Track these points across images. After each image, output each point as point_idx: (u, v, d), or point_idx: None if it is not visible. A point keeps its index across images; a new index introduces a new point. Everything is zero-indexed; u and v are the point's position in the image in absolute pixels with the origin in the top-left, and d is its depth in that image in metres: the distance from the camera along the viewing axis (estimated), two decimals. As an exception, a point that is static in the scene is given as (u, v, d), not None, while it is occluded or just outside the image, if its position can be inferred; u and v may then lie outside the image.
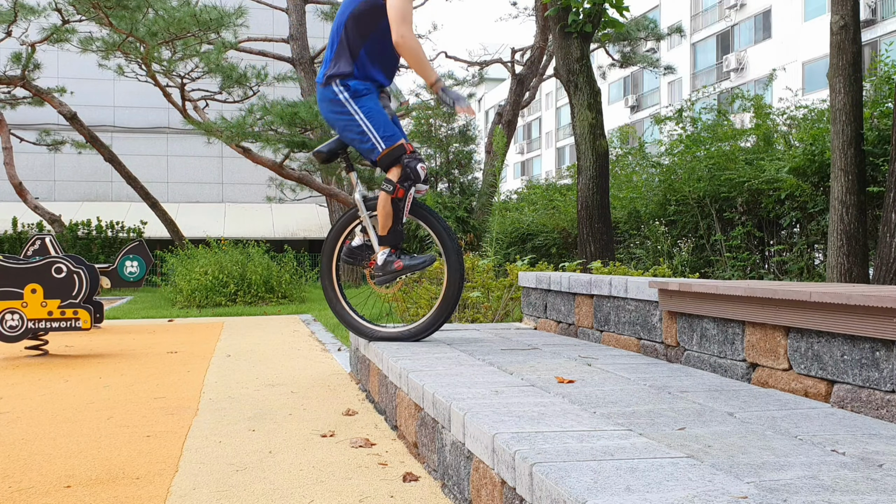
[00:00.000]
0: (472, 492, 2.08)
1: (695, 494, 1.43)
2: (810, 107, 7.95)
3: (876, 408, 2.15)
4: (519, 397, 2.42)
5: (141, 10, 13.67)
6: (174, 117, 24.40)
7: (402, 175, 3.64)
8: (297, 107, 14.23)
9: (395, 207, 3.67)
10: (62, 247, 11.23)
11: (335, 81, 3.68)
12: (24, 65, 16.62)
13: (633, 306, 3.54)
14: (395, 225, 3.71)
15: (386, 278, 3.77)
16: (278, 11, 20.19)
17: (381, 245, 3.77)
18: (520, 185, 24.33)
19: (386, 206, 3.68)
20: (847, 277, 5.44)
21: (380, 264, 3.76)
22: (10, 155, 17.93)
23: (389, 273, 3.75)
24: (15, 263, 5.37)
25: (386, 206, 3.68)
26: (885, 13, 28.36)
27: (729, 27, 36.29)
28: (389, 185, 3.64)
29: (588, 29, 7.25)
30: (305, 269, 13.94)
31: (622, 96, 44.16)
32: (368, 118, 3.63)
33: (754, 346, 2.67)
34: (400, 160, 3.64)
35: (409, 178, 3.64)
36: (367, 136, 3.63)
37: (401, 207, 3.68)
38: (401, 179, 3.64)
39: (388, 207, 3.67)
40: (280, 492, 2.34)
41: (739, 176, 6.90)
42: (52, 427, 3.24)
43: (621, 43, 19.31)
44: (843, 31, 5.55)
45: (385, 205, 3.68)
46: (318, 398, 3.86)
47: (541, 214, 11.25)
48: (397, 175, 3.64)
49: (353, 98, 3.66)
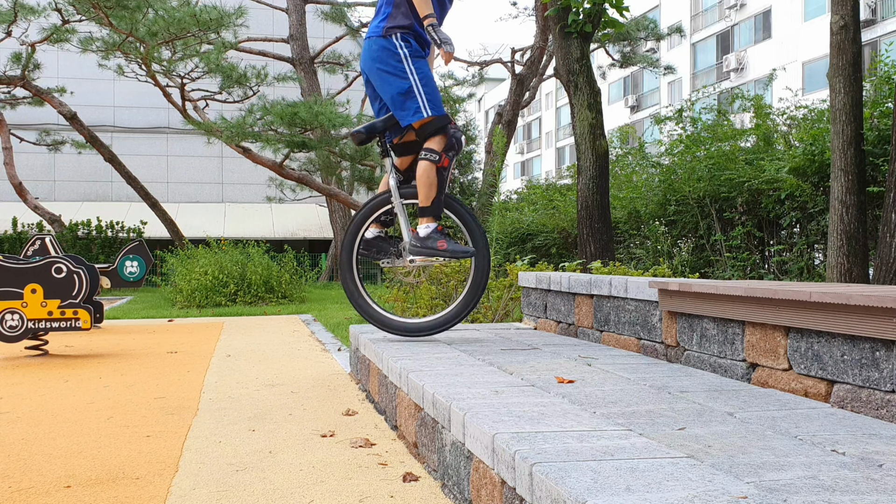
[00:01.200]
0: (472, 492, 2.08)
1: (695, 494, 1.43)
2: (810, 107, 7.95)
3: (876, 408, 2.15)
4: (519, 397, 2.42)
5: (141, 10, 13.67)
6: (174, 117, 24.40)
7: (447, 144, 3.63)
8: (297, 107, 14.23)
9: (440, 176, 3.63)
10: (62, 247, 11.23)
11: (396, 34, 3.63)
12: (24, 65, 16.62)
13: (633, 306, 3.54)
14: (439, 195, 3.64)
15: (424, 252, 3.66)
16: (278, 11, 20.20)
17: (424, 216, 3.66)
18: (520, 185, 24.35)
19: (430, 174, 3.60)
20: (847, 277, 5.44)
21: (422, 236, 3.66)
22: (10, 155, 17.94)
23: (429, 249, 3.65)
24: (15, 263, 5.37)
25: (430, 175, 3.60)
26: (885, 13, 28.36)
27: (729, 27, 36.29)
28: (434, 154, 3.60)
29: (588, 29, 7.25)
30: (305, 269, 13.93)
31: (622, 96, 44.16)
32: (422, 81, 3.61)
33: (754, 346, 2.67)
34: (445, 129, 3.63)
35: (454, 147, 3.64)
36: (413, 97, 3.59)
37: (445, 177, 3.65)
38: (445, 148, 3.62)
39: (433, 176, 3.61)
40: (280, 492, 2.34)
41: (739, 176, 6.90)
42: (52, 427, 3.24)
43: (621, 43, 19.31)
44: (843, 31, 5.55)
45: (429, 174, 3.60)
46: (318, 398, 3.86)
47: (541, 214, 11.26)
48: (440, 144, 3.62)
49: (412, 56, 3.62)
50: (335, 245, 19.97)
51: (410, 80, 3.60)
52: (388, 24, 3.65)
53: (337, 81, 23.05)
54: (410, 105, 3.60)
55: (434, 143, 3.63)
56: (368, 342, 3.90)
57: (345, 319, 8.39)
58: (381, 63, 3.63)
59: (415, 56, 3.63)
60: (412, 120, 3.61)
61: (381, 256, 3.85)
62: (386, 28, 3.65)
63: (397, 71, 3.61)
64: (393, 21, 3.65)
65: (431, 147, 3.62)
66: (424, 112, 3.59)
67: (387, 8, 3.68)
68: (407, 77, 3.60)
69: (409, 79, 3.60)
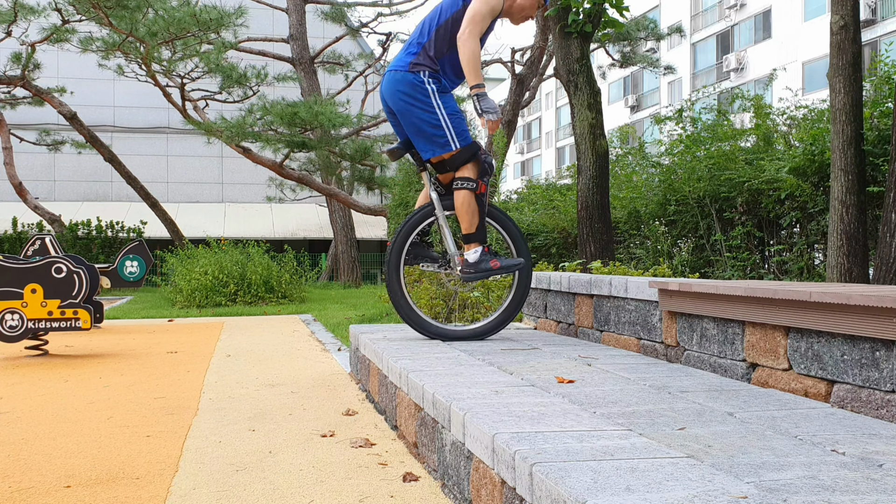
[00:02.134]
0: (472, 492, 2.08)
1: (695, 494, 1.43)
2: (810, 107, 7.94)
3: (876, 408, 2.15)
4: (519, 397, 2.41)
5: (141, 10, 13.67)
6: (174, 117, 24.40)
7: (481, 170, 3.74)
8: (297, 107, 14.23)
9: (480, 202, 3.73)
10: (62, 247, 11.23)
11: (425, 72, 3.72)
12: (24, 65, 16.62)
13: (633, 306, 3.54)
14: (481, 220, 3.76)
15: (480, 276, 3.77)
16: (278, 11, 20.19)
17: (470, 243, 3.76)
18: (520, 185, 24.35)
19: (470, 203, 3.71)
20: (847, 277, 5.44)
21: (471, 262, 3.76)
22: (10, 155, 17.94)
23: (483, 272, 3.75)
24: (15, 263, 5.37)
25: (471, 204, 3.71)
26: (885, 13, 28.36)
27: (729, 27, 36.29)
28: (470, 182, 3.70)
29: (588, 29, 7.25)
30: (305, 269, 13.93)
31: (622, 96, 44.16)
32: (450, 116, 3.71)
33: (754, 346, 2.67)
34: (477, 156, 3.73)
35: (487, 172, 3.76)
36: (442, 131, 3.69)
37: (484, 202, 3.76)
38: (479, 174, 3.73)
39: (473, 204, 3.71)
40: (280, 492, 2.34)
41: (739, 176, 6.90)
42: (52, 427, 3.24)
43: (621, 43, 19.30)
44: (843, 31, 5.55)
45: (470, 202, 3.70)
46: (318, 398, 3.86)
47: (541, 214, 11.25)
48: (474, 171, 3.72)
49: (439, 93, 3.73)
50: (335, 245, 19.96)
51: (439, 116, 3.70)
52: (415, 61, 3.75)
53: (337, 81, 23.05)
54: (440, 139, 3.70)
55: (467, 170, 3.73)
56: (368, 342, 3.90)
57: (345, 319, 8.39)
58: (409, 97, 3.72)
59: (442, 92, 3.75)
60: (441, 153, 3.72)
61: (418, 262, 3.95)
62: (412, 63, 3.75)
63: (425, 105, 3.71)
64: (423, 58, 3.75)
65: (467, 175, 3.72)
66: (453, 145, 3.71)
67: (416, 48, 3.79)
68: (434, 111, 3.70)
69: (436, 113, 3.70)
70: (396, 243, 3.94)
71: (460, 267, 3.81)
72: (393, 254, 3.93)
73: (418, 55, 3.75)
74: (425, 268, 3.94)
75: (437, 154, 3.71)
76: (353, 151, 16.17)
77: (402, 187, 10.44)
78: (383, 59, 20.89)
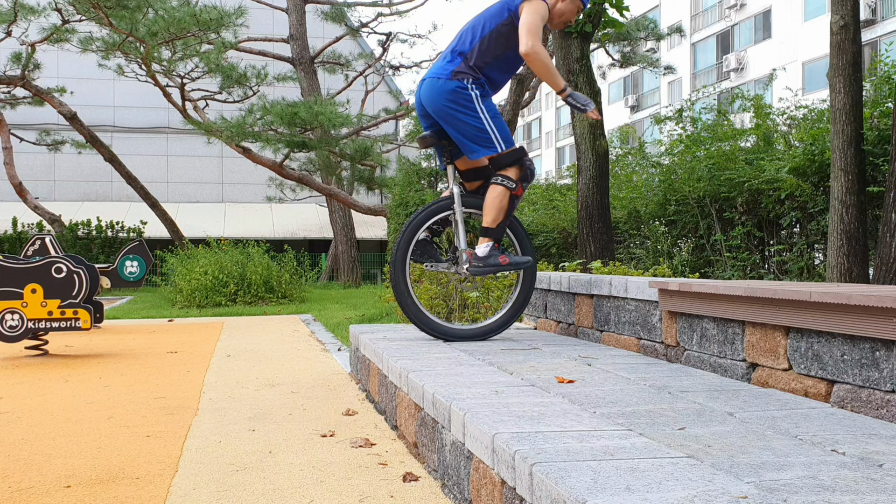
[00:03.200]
0: (472, 492, 2.08)
1: (695, 494, 1.43)
2: (810, 107, 7.93)
3: (876, 408, 2.15)
4: (519, 397, 2.41)
5: (141, 10, 13.66)
6: (174, 117, 24.40)
7: (522, 175, 3.80)
8: (297, 107, 14.23)
9: (511, 204, 3.79)
10: (62, 247, 11.23)
11: (468, 79, 3.78)
12: (24, 65, 16.62)
13: (633, 306, 3.54)
14: (505, 220, 3.81)
15: (485, 270, 3.82)
16: (278, 11, 20.19)
17: (485, 237, 3.82)
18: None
19: (503, 200, 3.76)
20: (847, 277, 5.43)
21: (480, 255, 3.80)
22: (10, 155, 17.94)
23: (491, 266, 3.80)
24: (15, 263, 5.37)
25: (502, 201, 3.76)
26: (885, 13, 28.36)
27: (729, 27, 36.29)
28: (511, 182, 3.76)
29: (588, 29, 7.25)
30: (305, 268, 13.93)
31: (622, 96, 44.15)
32: (493, 120, 3.78)
33: (754, 346, 2.67)
34: (521, 161, 3.80)
35: (528, 178, 3.83)
36: (487, 134, 3.76)
37: (515, 205, 3.82)
38: (521, 178, 3.79)
39: (504, 203, 3.77)
40: (280, 492, 2.34)
41: (739, 176, 6.89)
42: (52, 427, 3.24)
43: (621, 43, 19.29)
44: (843, 31, 5.55)
45: (502, 199, 3.76)
46: (318, 398, 3.86)
47: (541, 214, 11.25)
48: (516, 174, 3.78)
49: (482, 98, 3.80)
50: (335, 245, 19.96)
51: (483, 121, 3.77)
52: (457, 70, 3.81)
53: (337, 81, 23.05)
54: (484, 141, 3.76)
55: (511, 172, 3.79)
56: (368, 342, 3.90)
57: (345, 319, 8.39)
58: (452, 103, 3.78)
59: (484, 97, 3.82)
60: (487, 153, 3.77)
61: (425, 261, 3.96)
62: (454, 72, 3.81)
63: (469, 111, 3.77)
64: (467, 67, 3.81)
65: (508, 175, 3.78)
66: (498, 147, 3.77)
67: (457, 58, 3.85)
68: (479, 115, 3.77)
69: (480, 117, 3.77)
70: (402, 241, 3.92)
71: (469, 261, 3.84)
72: (399, 252, 3.91)
73: (460, 64, 3.82)
74: (429, 267, 3.96)
75: (483, 154, 3.77)
76: (353, 151, 16.17)
77: (402, 187, 10.44)
78: (383, 59, 20.90)
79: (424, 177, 10.57)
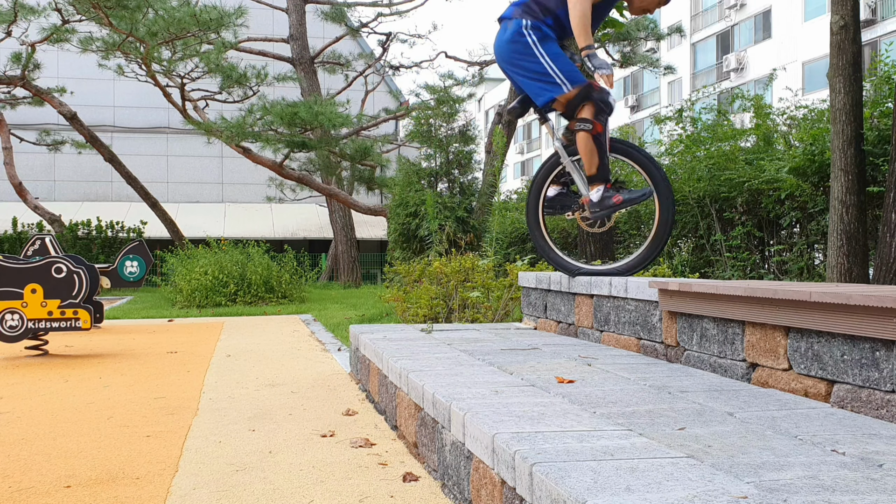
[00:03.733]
0: (472, 492, 2.08)
1: (695, 494, 1.43)
2: (810, 107, 7.93)
3: (876, 408, 2.15)
4: (519, 397, 2.41)
5: (141, 10, 13.66)
6: (174, 117, 24.41)
7: (596, 110, 3.72)
8: (297, 107, 14.22)
9: (598, 143, 3.74)
10: (62, 247, 11.23)
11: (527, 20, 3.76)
12: (24, 65, 16.62)
13: (633, 306, 3.54)
14: (602, 160, 3.77)
15: (604, 213, 3.83)
16: (278, 11, 20.20)
17: (593, 183, 3.81)
18: (520, 185, 24.34)
19: (588, 144, 3.74)
20: (847, 277, 5.43)
21: (596, 201, 3.81)
22: (10, 155, 17.94)
23: (608, 208, 3.81)
24: (15, 263, 5.37)
25: (588, 144, 3.74)
26: (885, 13, 28.36)
27: (729, 27, 36.29)
28: (587, 124, 3.72)
29: (588, 29, 7.23)
30: (305, 269, 13.93)
31: (622, 96, 44.16)
32: (553, 59, 3.72)
33: (754, 346, 2.67)
34: (590, 97, 3.72)
35: (603, 111, 3.74)
36: (550, 77, 3.71)
37: (602, 141, 3.76)
38: (595, 114, 3.72)
39: (591, 144, 3.74)
40: (280, 492, 2.34)
41: (739, 176, 6.89)
42: (52, 427, 3.24)
43: (621, 43, 19.29)
44: (843, 31, 5.55)
45: (587, 143, 3.74)
46: (318, 398, 3.86)
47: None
48: (590, 112, 3.72)
49: (541, 41, 3.74)
50: (335, 245, 19.96)
51: (542, 60, 3.72)
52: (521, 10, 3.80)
53: (337, 81, 23.05)
54: (549, 84, 3.72)
55: (584, 112, 3.73)
56: (368, 342, 3.90)
57: (345, 319, 8.39)
58: (512, 47, 3.77)
59: (543, 40, 3.76)
60: (553, 95, 3.72)
61: (565, 211, 4.03)
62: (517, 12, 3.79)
63: (527, 55, 3.74)
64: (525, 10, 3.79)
65: (584, 117, 3.73)
66: (564, 87, 3.71)
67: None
68: (537, 58, 3.73)
69: (539, 59, 3.72)
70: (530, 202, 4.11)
71: (587, 208, 3.87)
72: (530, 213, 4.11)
73: (524, 5, 3.80)
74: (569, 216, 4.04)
75: (548, 97, 3.73)
76: (353, 151, 16.17)
77: (402, 187, 10.42)
78: (383, 59, 20.89)
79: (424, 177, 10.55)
